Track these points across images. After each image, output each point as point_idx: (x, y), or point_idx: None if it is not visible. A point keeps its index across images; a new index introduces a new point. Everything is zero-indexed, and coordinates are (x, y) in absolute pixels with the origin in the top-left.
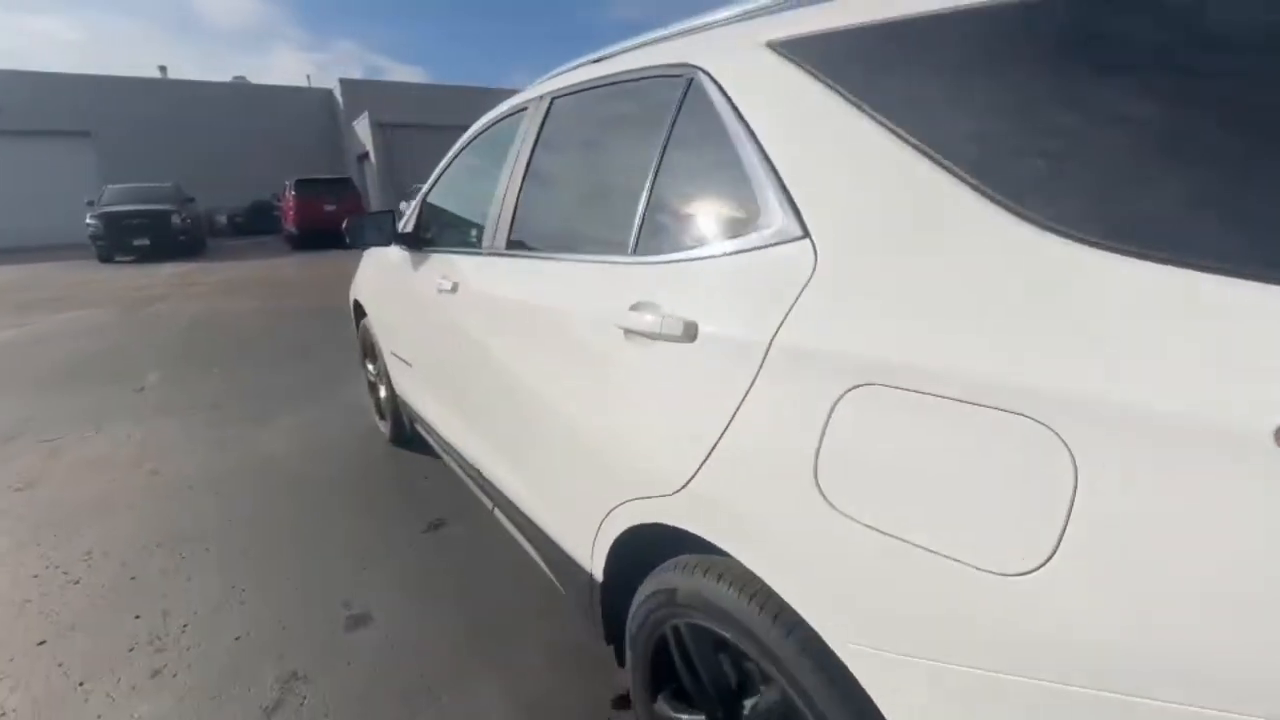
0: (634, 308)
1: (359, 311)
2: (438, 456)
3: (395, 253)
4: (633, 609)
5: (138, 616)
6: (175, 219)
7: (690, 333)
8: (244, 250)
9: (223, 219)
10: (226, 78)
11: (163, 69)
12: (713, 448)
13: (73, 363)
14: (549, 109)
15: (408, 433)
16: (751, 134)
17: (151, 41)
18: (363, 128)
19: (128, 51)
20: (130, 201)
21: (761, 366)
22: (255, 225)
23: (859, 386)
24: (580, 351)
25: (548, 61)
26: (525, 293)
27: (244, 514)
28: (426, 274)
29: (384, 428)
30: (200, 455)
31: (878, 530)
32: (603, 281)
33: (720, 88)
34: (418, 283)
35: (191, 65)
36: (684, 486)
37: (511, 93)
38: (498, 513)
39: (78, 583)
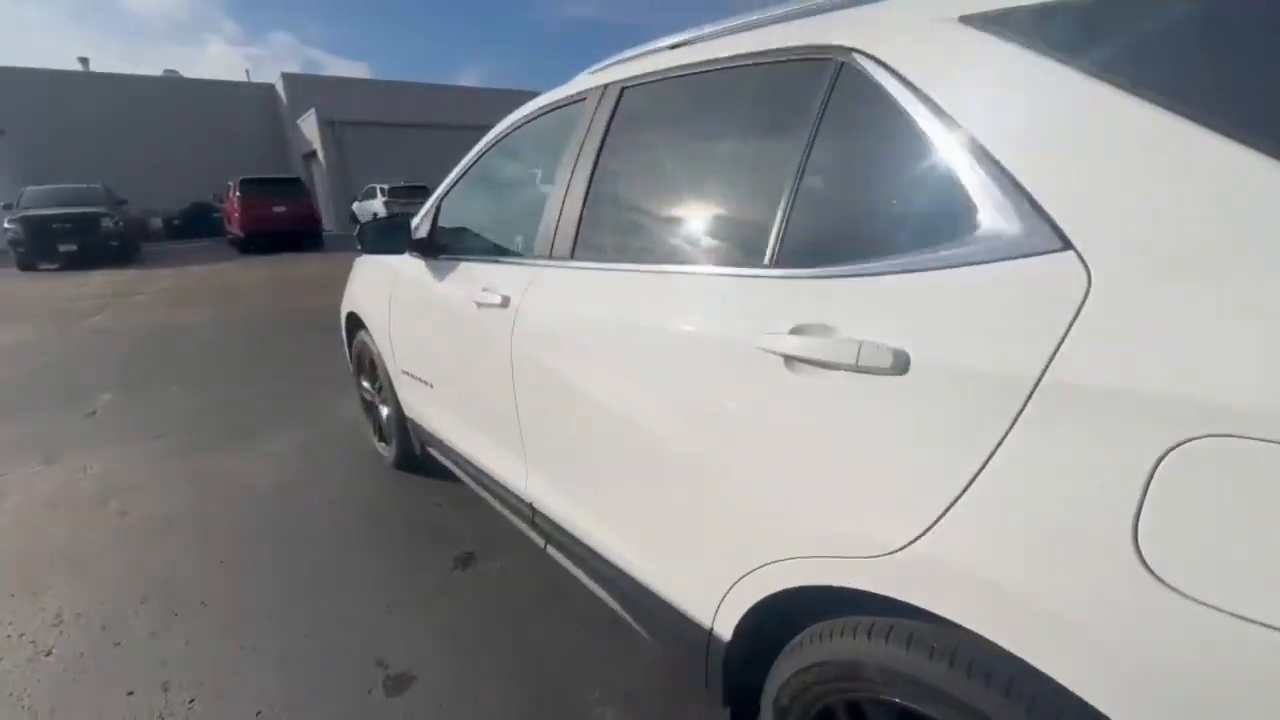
0: (796, 331)
1: (353, 324)
2: (452, 480)
3: (408, 261)
4: (781, 677)
5: (131, 693)
6: (107, 222)
7: (900, 364)
8: (184, 255)
9: (157, 222)
10: (156, 72)
11: (84, 61)
12: (952, 503)
13: (6, 386)
14: (619, 100)
15: (417, 456)
16: (957, 126)
17: (67, 32)
18: (309, 125)
19: (39, 42)
20: (55, 204)
21: (1025, 407)
22: (194, 228)
23: (1205, 438)
24: (712, 381)
25: (500, 59)
26: (619, 309)
27: (239, 558)
28: (456, 285)
29: (385, 451)
30: (175, 490)
31: (1256, 622)
32: (734, 298)
33: (895, 72)
34: (443, 295)
35: (115, 58)
36: (903, 548)
37: (471, 91)
38: (551, 550)
39: (50, 654)
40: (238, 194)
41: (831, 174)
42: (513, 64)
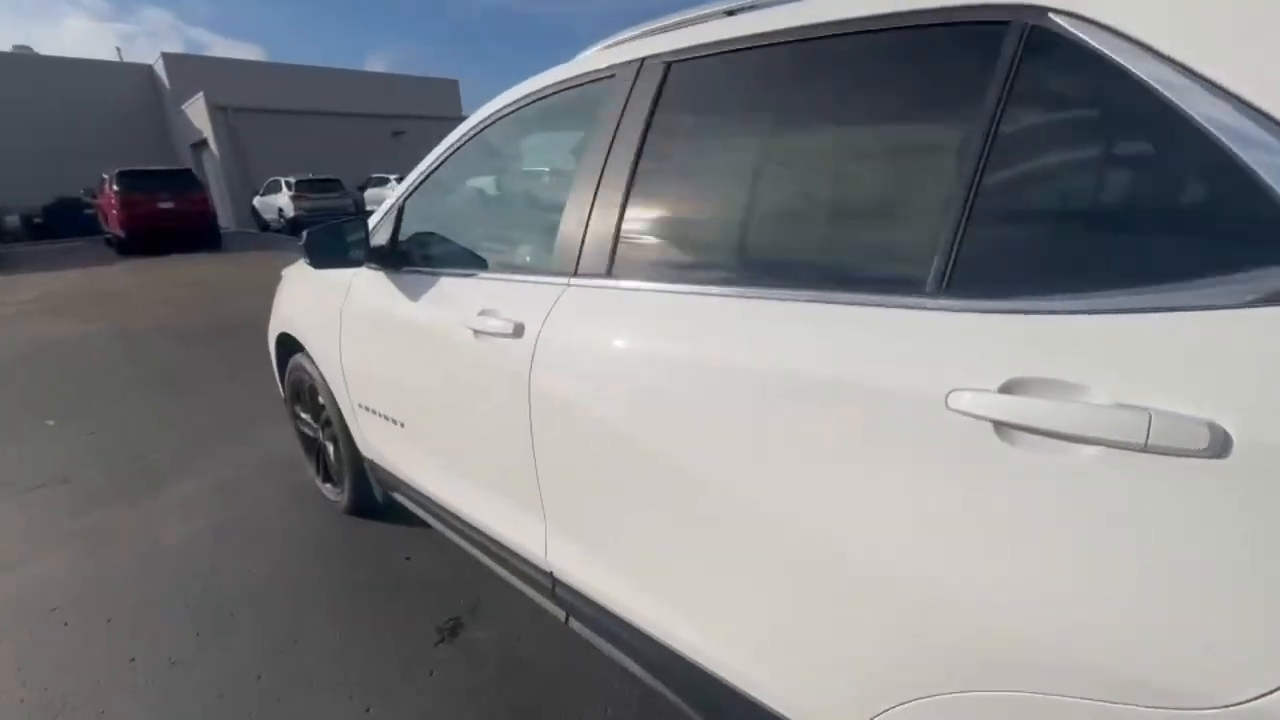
0: (1012, 388)
1: (286, 346)
2: (420, 524)
3: (362, 274)
4: None
5: None
6: None
7: (1217, 444)
8: (51, 258)
9: (14, 220)
10: (4, 47)
11: None
12: None
13: None
14: (664, 78)
15: (378, 503)
16: (1259, 114)
17: None
18: (197, 111)
19: None
20: None
21: None
22: (62, 227)
23: None
24: (866, 448)
25: (411, 45)
26: (697, 343)
27: (160, 651)
28: (436, 306)
29: (334, 494)
30: (63, 558)
31: None
32: (885, 336)
33: (1136, 42)
34: (419, 318)
35: None
36: (1245, 703)
37: (384, 77)
38: (576, 625)
39: None
40: (115, 188)
41: (1034, 174)
42: (426, 50)
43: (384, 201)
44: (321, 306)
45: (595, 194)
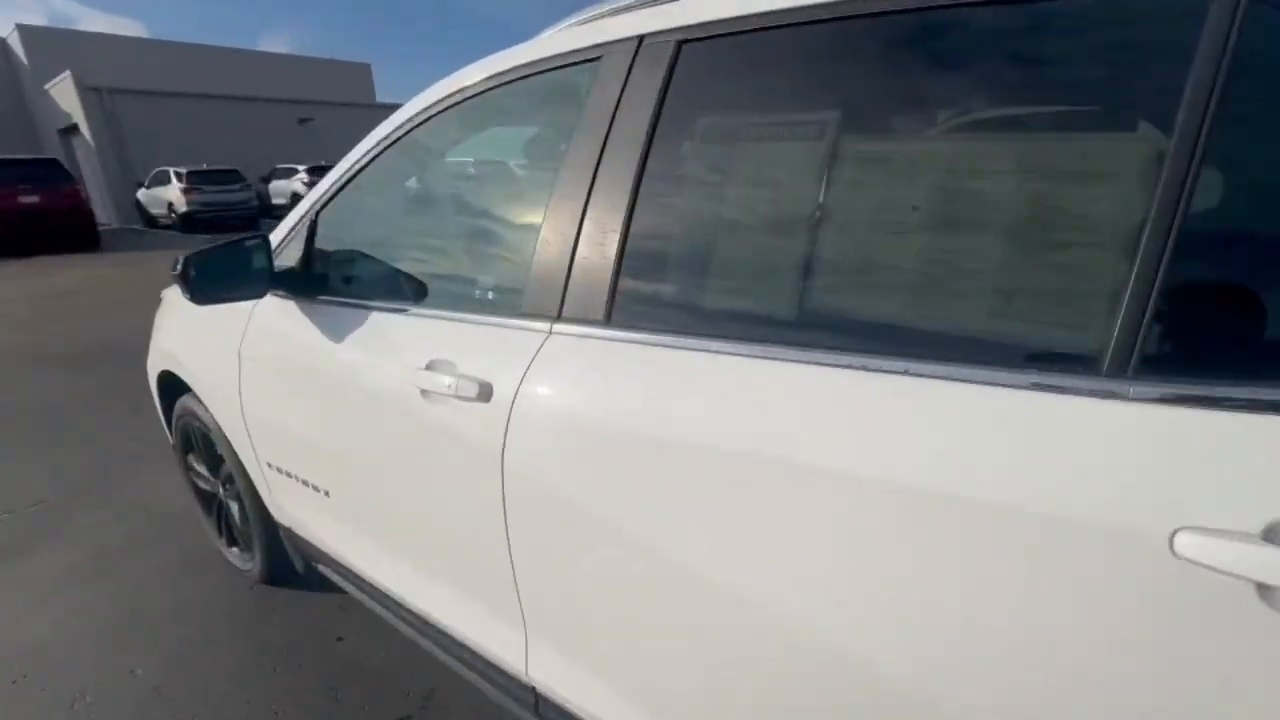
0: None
1: (170, 385)
2: (342, 592)
3: (268, 303)
4: None
5: None
6: None
7: None
8: None
9: None
10: None
11: None
12: None
13: None
14: (674, 62)
15: (298, 573)
16: None
17: None
18: (65, 92)
19: None
20: None
21: None
22: None
23: None
24: (1028, 603)
25: (315, 24)
26: (744, 424)
27: None
28: (366, 349)
29: (242, 560)
30: None
31: None
32: (1042, 439)
33: None
34: (344, 364)
35: None
36: None
37: (286, 59)
38: None
39: None
40: None
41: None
42: (335, 31)
43: (296, 204)
44: (213, 343)
45: (583, 215)
